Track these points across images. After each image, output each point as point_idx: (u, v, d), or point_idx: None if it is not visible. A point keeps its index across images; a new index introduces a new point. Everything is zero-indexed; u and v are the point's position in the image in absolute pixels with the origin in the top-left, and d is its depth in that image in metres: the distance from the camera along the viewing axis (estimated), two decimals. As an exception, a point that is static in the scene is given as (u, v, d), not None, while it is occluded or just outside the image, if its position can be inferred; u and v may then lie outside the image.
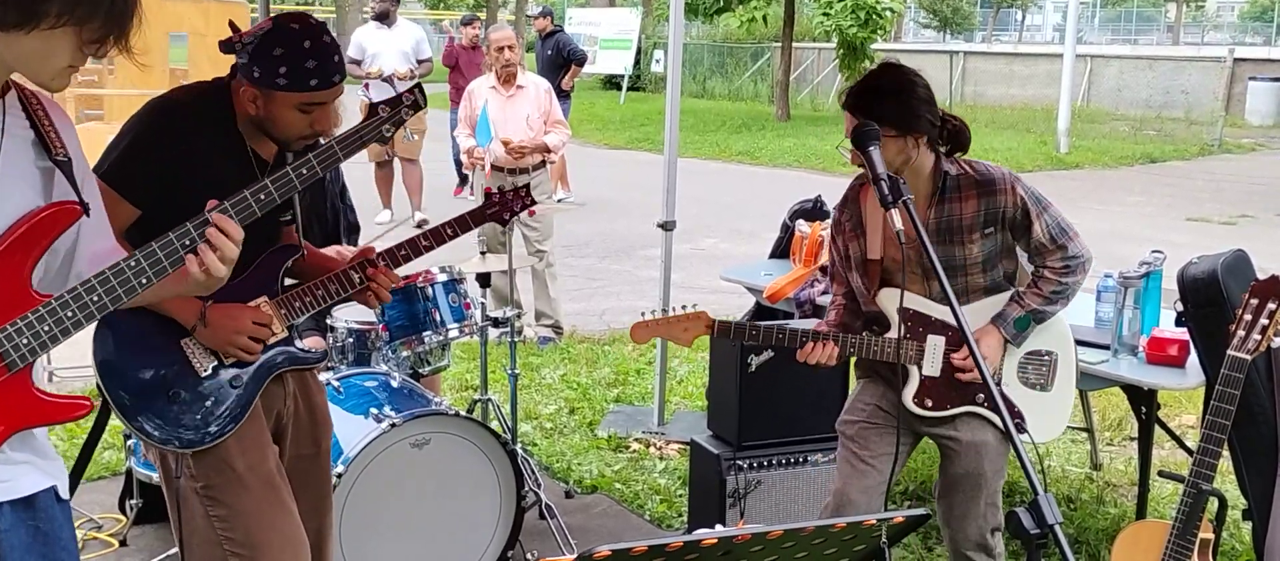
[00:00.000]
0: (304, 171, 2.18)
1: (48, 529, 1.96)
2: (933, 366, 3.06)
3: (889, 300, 3.06)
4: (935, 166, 2.98)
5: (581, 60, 12.74)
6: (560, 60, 12.25)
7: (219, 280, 1.98)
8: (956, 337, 3.04)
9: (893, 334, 3.05)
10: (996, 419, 3.06)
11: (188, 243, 1.94)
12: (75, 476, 4.14)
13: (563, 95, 11.09)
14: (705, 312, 3.04)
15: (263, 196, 2.09)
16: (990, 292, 3.07)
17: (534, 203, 3.10)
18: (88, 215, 1.90)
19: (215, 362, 2.62)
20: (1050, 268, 3.02)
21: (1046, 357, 3.14)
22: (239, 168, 2.62)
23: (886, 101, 2.87)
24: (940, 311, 3.05)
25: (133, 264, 1.89)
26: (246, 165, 2.64)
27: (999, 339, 3.04)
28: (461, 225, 2.88)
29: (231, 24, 2.57)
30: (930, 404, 3.07)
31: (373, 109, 2.40)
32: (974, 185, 2.97)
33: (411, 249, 2.81)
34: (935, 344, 3.05)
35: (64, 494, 2.01)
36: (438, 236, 2.84)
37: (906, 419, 3.10)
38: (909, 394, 3.07)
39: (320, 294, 2.72)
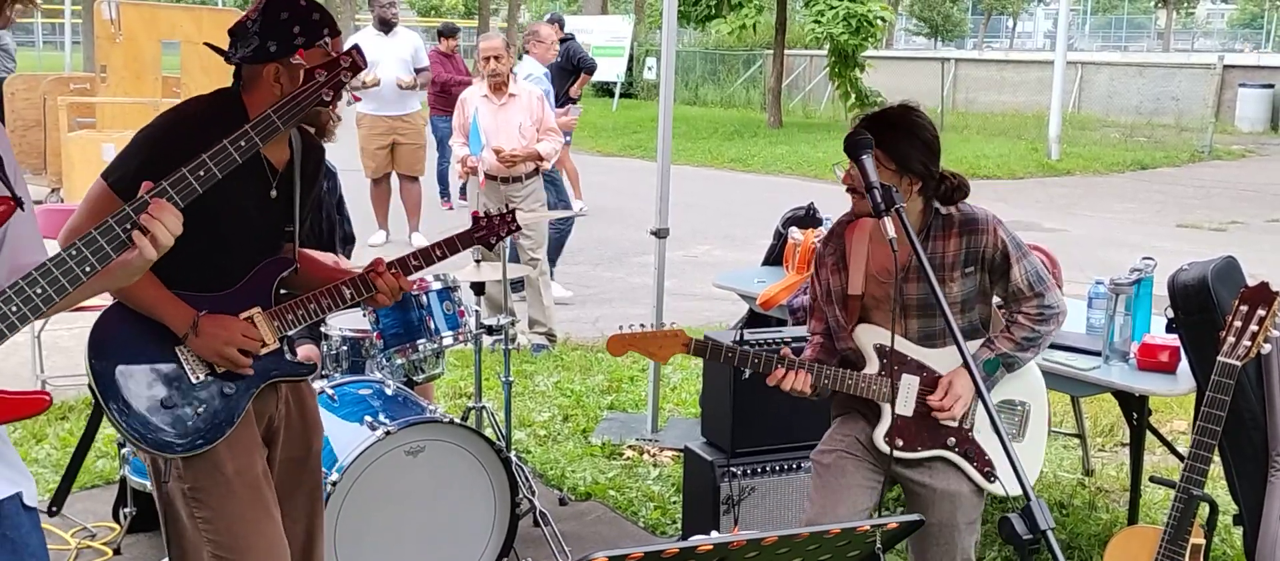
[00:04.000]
0: (242, 143, 2.14)
1: (15, 536, 1.92)
2: (905, 406, 3.05)
3: (866, 336, 3.06)
4: (924, 210, 2.99)
5: (591, 69, 12.77)
6: (570, 68, 12.30)
7: (152, 258, 1.91)
8: (931, 379, 3.04)
9: (868, 370, 3.05)
10: (969, 467, 3.06)
11: (129, 226, 1.89)
12: (67, 483, 4.14)
13: (572, 101, 11.18)
14: (681, 330, 3.06)
15: (202, 172, 2.06)
16: (965, 336, 3.04)
17: (519, 227, 3.14)
18: (21, 209, 1.83)
19: (208, 370, 2.63)
20: (1025, 313, 3.03)
21: (1019, 408, 3.14)
22: (251, 174, 2.62)
23: (888, 133, 2.87)
24: (916, 351, 3.06)
25: (74, 253, 1.83)
26: (259, 171, 2.66)
27: (970, 382, 3.03)
28: (450, 247, 2.91)
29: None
30: (901, 443, 3.05)
31: (309, 75, 2.32)
32: (957, 225, 2.99)
33: (401, 267, 2.84)
34: (909, 383, 3.05)
35: (31, 500, 1.97)
36: (427, 257, 2.87)
37: (878, 458, 3.08)
38: (880, 432, 3.05)
39: (312, 307, 2.75)
